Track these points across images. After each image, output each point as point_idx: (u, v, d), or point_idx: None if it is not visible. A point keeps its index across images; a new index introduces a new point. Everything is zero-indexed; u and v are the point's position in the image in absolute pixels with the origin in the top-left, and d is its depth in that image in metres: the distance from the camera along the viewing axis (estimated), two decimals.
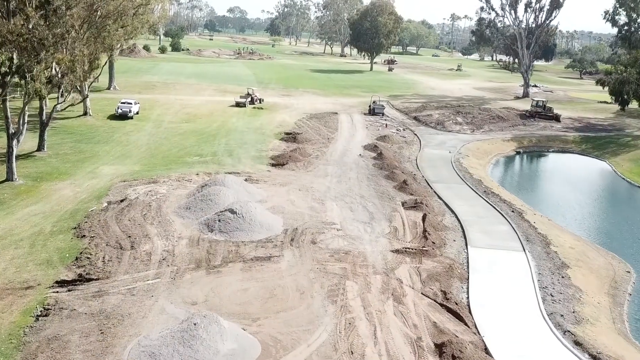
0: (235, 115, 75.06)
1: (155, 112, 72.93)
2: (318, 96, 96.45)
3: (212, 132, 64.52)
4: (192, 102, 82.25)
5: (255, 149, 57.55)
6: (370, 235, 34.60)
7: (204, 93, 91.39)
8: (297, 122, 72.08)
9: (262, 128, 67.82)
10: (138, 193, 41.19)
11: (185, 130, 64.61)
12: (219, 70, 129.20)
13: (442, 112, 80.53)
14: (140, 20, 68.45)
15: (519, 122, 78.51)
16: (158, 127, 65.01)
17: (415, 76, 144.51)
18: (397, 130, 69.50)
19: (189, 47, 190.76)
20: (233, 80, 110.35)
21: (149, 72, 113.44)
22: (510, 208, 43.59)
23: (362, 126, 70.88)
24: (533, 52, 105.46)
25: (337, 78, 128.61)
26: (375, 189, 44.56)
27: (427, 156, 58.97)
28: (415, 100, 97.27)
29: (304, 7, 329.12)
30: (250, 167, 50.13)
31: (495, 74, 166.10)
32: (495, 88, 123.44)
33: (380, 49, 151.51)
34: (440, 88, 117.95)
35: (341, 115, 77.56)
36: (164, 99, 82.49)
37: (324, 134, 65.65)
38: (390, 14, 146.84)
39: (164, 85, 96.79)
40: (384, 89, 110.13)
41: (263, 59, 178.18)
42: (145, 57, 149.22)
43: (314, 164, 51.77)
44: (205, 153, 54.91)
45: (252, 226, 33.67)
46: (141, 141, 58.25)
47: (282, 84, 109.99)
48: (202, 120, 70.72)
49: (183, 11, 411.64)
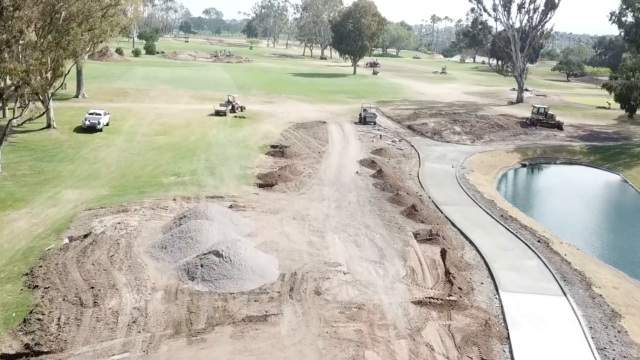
0: (215, 125, 68.95)
1: (127, 123, 66.52)
2: (303, 103, 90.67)
3: (190, 146, 58.40)
4: (168, 111, 75.92)
5: (240, 165, 51.62)
6: (384, 280, 28.91)
7: (180, 100, 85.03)
8: (283, 133, 66.24)
9: (245, 140, 61.87)
10: (105, 226, 35.06)
11: (160, 144, 58.38)
12: (196, 74, 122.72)
13: (438, 121, 75.29)
14: (109, 22, 62.09)
15: (520, 131, 73.58)
16: (130, 141, 58.69)
17: (401, 80, 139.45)
18: (392, 141, 64.03)
19: (164, 50, 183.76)
20: (211, 85, 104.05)
21: (122, 78, 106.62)
22: (534, 236, 38.27)
23: (354, 137, 65.27)
24: (527, 55, 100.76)
25: (321, 82, 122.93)
26: (380, 215, 38.90)
27: (429, 172, 53.54)
28: (405, 107, 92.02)
29: (281, 8, 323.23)
30: (235, 189, 44.20)
31: (481, 77, 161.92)
32: (485, 92, 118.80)
33: (364, 51, 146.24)
34: (429, 93, 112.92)
35: (330, 125, 71.88)
36: (138, 108, 76.03)
37: (314, 147, 59.89)
38: (373, 15, 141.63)
39: (138, 92, 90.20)
40: (371, 95, 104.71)
41: (242, 62, 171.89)
42: (118, 60, 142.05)
43: (307, 184, 45.98)
44: (183, 172, 48.82)
45: (242, 272, 27.77)
46: (111, 158, 51.93)
47: (264, 89, 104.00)
48: (179, 131, 64.52)
49: (157, 12, 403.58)
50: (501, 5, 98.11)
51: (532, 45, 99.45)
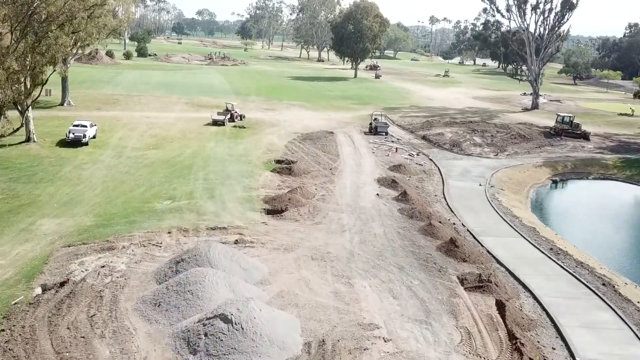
0: (213, 137, 62.85)
1: (116, 135, 60.30)
2: (306, 110, 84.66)
3: (186, 161, 52.27)
4: (160, 120, 69.72)
5: (243, 186, 45.55)
6: (437, 350, 22.95)
7: (174, 108, 78.84)
8: (288, 146, 60.22)
9: (247, 154, 55.81)
10: (86, 269, 29.01)
11: (152, 159, 52.21)
12: (190, 78, 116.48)
13: (455, 131, 69.42)
14: (95, 24, 55.86)
15: (544, 142, 67.78)
16: (119, 157, 52.48)
17: (405, 84, 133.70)
18: (410, 155, 58.11)
19: (156, 52, 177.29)
20: (207, 91, 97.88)
21: (111, 83, 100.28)
22: (594, 275, 32.45)
23: (367, 150, 59.30)
24: (544, 58, 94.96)
25: (322, 87, 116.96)
26: (414, 252, 32.92)
27: (456, 191, 47.63)
28: (415, 114, 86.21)
29: (276, 9, 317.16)
30: (240, 217, 38.14)
31: (485, 80, 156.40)
32: (495, 97, 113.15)
33: (366, 54, 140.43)
34: (437, 98, 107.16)
35: (339, 136, 65.91)
36: (128, 117, 69.81)
37: (324, 163, 53.88)
38: (375, 16, 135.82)
39: (128, 98, 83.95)
40: (377, 100, 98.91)
41: (237, 65, 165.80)
42: (108, 64, 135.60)
43: (322, 210, 39.94)
44: (179, 194, 42.71)
45: (257, 344, 21.76)
46: (96, 178, 45.72)
47: (263, 95, 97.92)
48: (174, 144, 58.36)
49: (150, 13, 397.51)
50: (515, 5, 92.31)
51: (549, 49, 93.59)
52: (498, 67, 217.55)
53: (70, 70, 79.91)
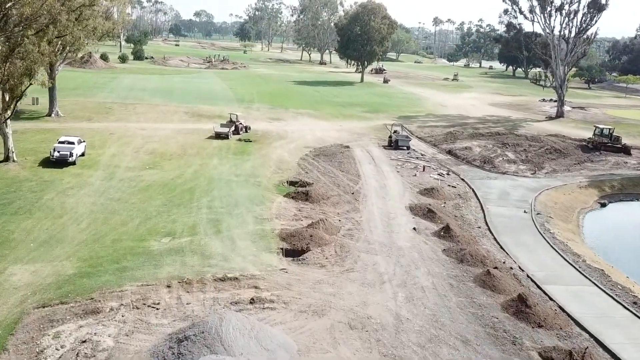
0: (216, 152, 56.30)
1: (108, 152, 53.69)
2: (315, 119, 78.17)
3: (187, 184, 45.70)
4: (158, 132, 63.14)
5: (253, 215, 39.05)
6: None
7: (172, 118, 72.25)
8: (300, 163, 53.74)
9: (255, 174, 49.28)
10: (62, 346, 22.63)
11: (149, 182, 45.61)
12: (189, 84, 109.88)
13: (484, 144, 62.98)
14: (83, 27, 49.31)
15: (582, 157, 61.27)
16: (110, 179, 45.87)
17: (414, 89, 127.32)
18: (439, 174, 51.59)
19: (153, 55, 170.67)
20: (207, 98, 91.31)
21: (105, 89, 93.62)
22: None
23: (390, 169, 52.80)
24: (570, 63, 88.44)
25: (328, 93, 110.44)
26: (476, 316, 26.39)
27: (500, 221, 41.16)
28: (433, 123, 79.83)
29: (275, 10, 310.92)
30: (253, 260, 31.65)
31: (497, 85, 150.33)
32: (513, 104, 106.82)
33: (373, 57, 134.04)
34: (452, 105, 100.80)
35: (356, 150, 59.44)
36: (122, 129, 63.24)
37: (343, 184, 47.37)
38: (383, 17, 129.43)
39: (123, 107, 77.33)
40: (389, 108, 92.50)
41: (237, 68, 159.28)
42: (102, 68, 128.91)
43: (351, 250, 33.42)
44: (179, 228, 36.19)
45: None
46: (83, 207, 39.14)
47: (267, 101, 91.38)
48: (173, 162, 51.79)
49: (147, 15, 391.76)
50: (539, 6, 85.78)
51: (576, 53, 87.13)
52: (505, 70, 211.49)
53: (60, 75, 73.53)
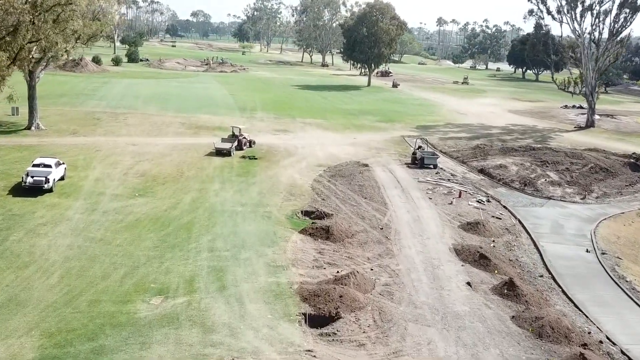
0: (217, 174, 48.95)
1: (92, 175, 46.29)
2: (325, 131, 70.86)
3: (183, 217, 38.36)
4: (150, 148, 55.80)
5: (265, 262, 31.80)
6: None
7: (167, 131, 64.88)
8: (315, 186, 46.44)
9: (264, 202, 41.98)
10: None
11: (138, 215, 38.26)
12: (186, 89, 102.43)
13: (520, 162, 55.72)
14: (61, 30, 41.90)
15: (633, 177, 54.03)
16: (92, 211, 38.50)
17: (426, 93, 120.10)
18: (478, 202, 44.27)
19: (148, 57, 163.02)
20: (206, 106, 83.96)
21: (95, 96, 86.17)
22: None
23: (420, 194, 45.50)
24: (601, 68, 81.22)
25: (335, 99, 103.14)
26: None
27: (562, 265, 33.98)
28: (454, 134, 72.68)
29: (275, 10, 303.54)
30: (269, 336, 24.42)
31: (511, 89, 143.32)
32: (534, 111, 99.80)
33: (381, 60, 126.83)
34: (470, 112, 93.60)
35: (376, 169, 52.19)
36: (110, 146, 55.90)
37: (368, 216, 40.07)
38: (392, 18, 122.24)
39: (112, 117, 69.95)
40: (403, 116, 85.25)
41: (237, 71, 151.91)
42: (94, 71, 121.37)
43: (394, 318, 26.13)
44: (174, 282, 28.95)
45: None
46: (56, 252, 31.82)
47: (271, 109, 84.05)
48: (167, 188, 44.41)
49: (142, 15, 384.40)
50: (567, 5, 78.48)
51: (607, 57, 79.94)
52: (514, 72, 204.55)
53: (47, 80, 66.53)
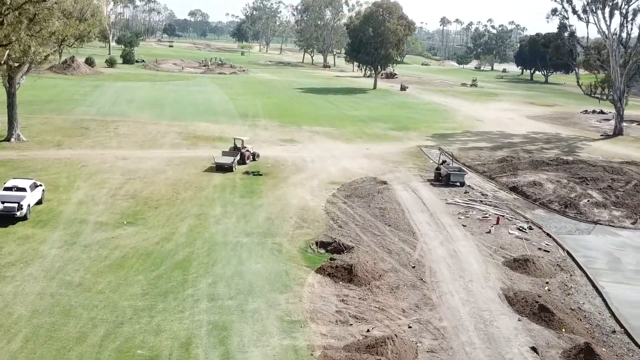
0: (218, 194, 43.08)
1: (74, 197, 40.40)
2: (335, 141, 65.04)
3: (178, 252, 32.50)
4: (142, 164, 49.94)
5: (277, 316, 25.98)
6: None
7: (163, 142, 59.02)
8: (329, 210, 40.62)
9: (272, 231, 36.17)
10: None
11: (125, 250, 32.39)
12: (183, 93, 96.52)
13: (556, 179, 49.89)
14: (37, 32, 35.99)
15: None
16: (71, 245, 32.63)
17: (436, 97, 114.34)
18: (519, 229, 38.39)
19: (144, 58, 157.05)
20: (205, 112, 78.15)
21: (85, 101, 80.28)
22: None
23: (451, 220, 39.63)
24: (631, 71, 75.48)
25: (341, 103, 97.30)
26: None
27: (632, 313, 28.22)
28: (474, 144, 66.99)
29: (274, 10, 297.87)
30: None
31: (523, 92, 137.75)
32: (554, 117, 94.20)
33: (388, 62, 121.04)
34: (487, 118, 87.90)
35: (397, 188, 46.37)
36: (97, 160, 50.05)
37: (396, 249, 34.25)
38: (400, 18, 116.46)
39: (102, 126, 64.13)
40: (418, 124, 79.49)
41: (236, 73, 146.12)
42: (87, 74, 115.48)
43: None
44: (166, 349, 23.14)
45: None
46: (23, 303, 25.98)
47: (275, 117, 78.22)
48: (160, 213, 38.53)
49: (139, 14, 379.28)
50: (596, 3, 72.66)
51: (637, 59, 74.22)
52: (522, 74, 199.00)
53: (35, 84, 60.73)
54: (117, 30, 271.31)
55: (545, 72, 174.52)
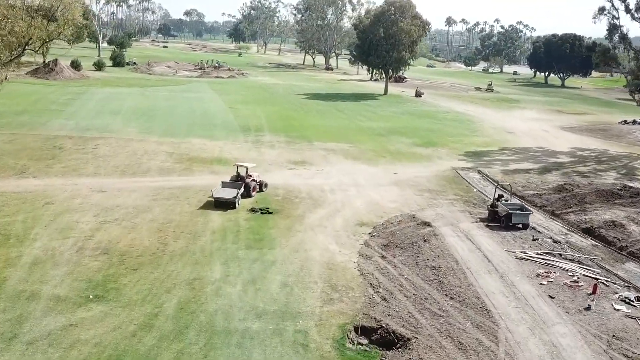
0: (217, 246, 33.01)
1: (28, 255, 30.29)
2: (354, 162, 55.09)
3: (161, 354, 22.51)
4: (122, 198, 39.89)
5: None
6: None
7: (149, 166, 48.92)
8: (365, 269, 30.70)
9: (292, 308, 26.25)
10: None
11: (85, 351, 22.42)
12: (176, 102, 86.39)
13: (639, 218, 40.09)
14: None
15: None
16: (8, 344, 22.65)
17: (454, 104, 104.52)
18: (626, 301, 28.38)
19: (135, 61, 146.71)
20: (201, 125, 68.17)
21: (63, 112, 70.16)
22: None
23: (532, 287, 29.62)
24: None
25: (353, 112, 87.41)
26: None
27: None
28: (517, 165, 57.24)
29: (273, 10, 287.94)
30: None
31: (544, 98, 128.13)
32: (591, 128, 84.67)
33: (401, 65, 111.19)
34: (519, 131, 78.11)
35: (446, 234, 36.40)
36: (67, 193, 40.03)
37: (469, 341, 24.34)
38: (414, 17, 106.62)
39: (80, 144, 54.11)
40: (444, 138, 69.60)
41: (234, 76, 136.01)
42: (71, 78, 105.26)
43: None
44: None
45: None
46: None
47: (281, 130, 68.25)
48: (139, 280, 28.45)
49: (134, 14, 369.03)
50: None
51: None
52: (534, 77, 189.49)
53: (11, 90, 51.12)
54: (109, 30, 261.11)
55: (562, 75, 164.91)
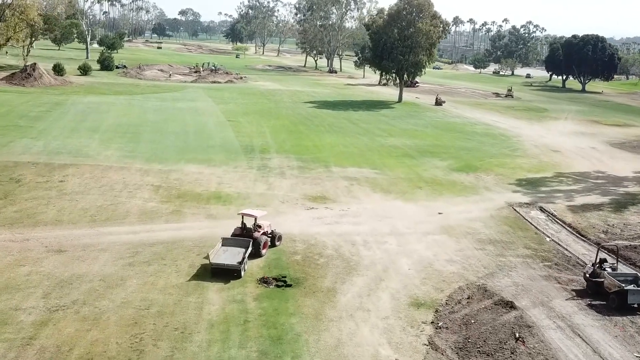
0: (215, 353, 22.17)
1: None
2: (385, 195, 44.32)
3: None
4: (86, 263, 29.08)
5: None
6: None
7: (128, 208, 37.99)
8: None
9: None
10: None
11: None
12: (167, 115, 75.47)
13: None
14: None
15: None
16: None
17: (480, 114, 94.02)
18: None
19: (125, 64, 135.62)
20: (195, 144, 57.49)
21: (32, 129, 59.35)
22: None
23: None
24: None
25: (369, 124, 76.85)
26: None
27: None
28: (583, 198, 46.65)
29: (271, 9, 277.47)
30: None
31: (570, 106, 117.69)
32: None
33: (418, 69, 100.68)
34: (565, 149, 67.55)
35: (544, 326, 25.71)
36: (11, 256, 29.24)
37: None
38: (433, 17, 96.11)
39: (44, 175, 43.28)
40: (483, 159, 58.97)
41: (233, 81, 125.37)
42: (51, 85, 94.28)
43: None
44: None
45: None
46: None
47: (291, 150, 57.57)
48: None
49: (128, 13, 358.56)
50: None
51: None
52: (550, 80, 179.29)
53: None
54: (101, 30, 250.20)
55: (583, 79, 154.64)
